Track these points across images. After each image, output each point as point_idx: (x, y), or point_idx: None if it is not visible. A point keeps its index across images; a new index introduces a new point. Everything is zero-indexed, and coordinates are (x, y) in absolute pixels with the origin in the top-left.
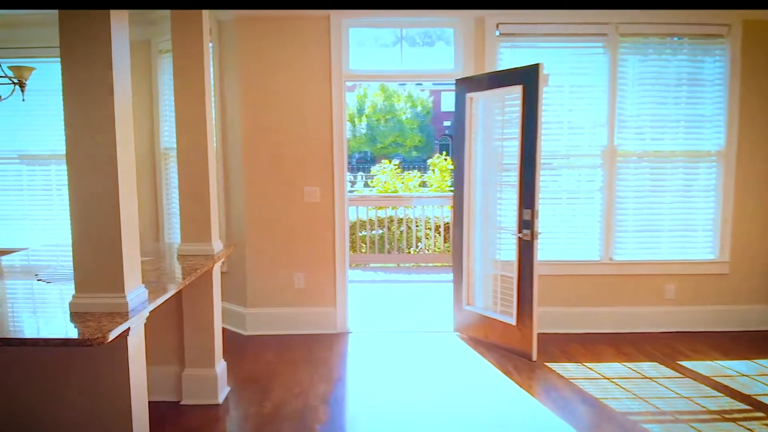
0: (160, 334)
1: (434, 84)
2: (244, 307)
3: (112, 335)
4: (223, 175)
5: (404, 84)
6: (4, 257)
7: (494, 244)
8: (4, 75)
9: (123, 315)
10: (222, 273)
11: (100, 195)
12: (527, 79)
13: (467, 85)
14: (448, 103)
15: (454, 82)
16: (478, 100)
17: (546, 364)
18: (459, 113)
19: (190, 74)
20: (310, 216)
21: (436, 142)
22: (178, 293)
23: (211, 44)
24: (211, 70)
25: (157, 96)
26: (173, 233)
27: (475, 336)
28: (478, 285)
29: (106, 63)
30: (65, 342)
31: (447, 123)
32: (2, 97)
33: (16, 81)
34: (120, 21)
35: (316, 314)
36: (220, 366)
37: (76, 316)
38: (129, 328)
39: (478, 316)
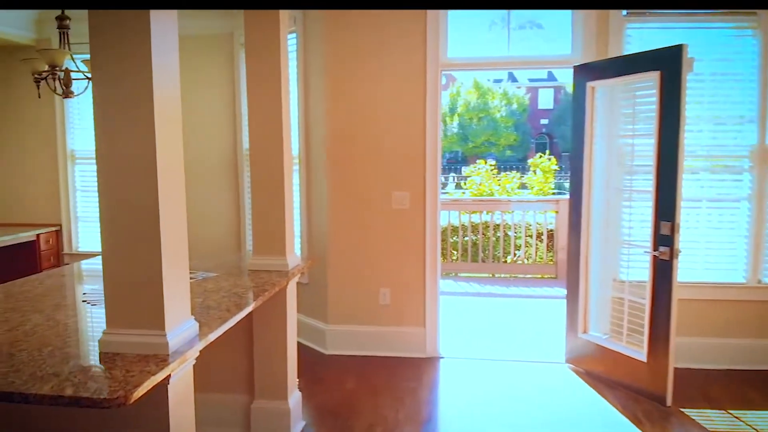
0: (228, 357)
1: (531, 81)
2: (324, 323)
3: (138, 393)
4: (305, 180)
5: (500, 80)
6: (84, 262)
7: (618, 261)
8: (77, 70)
9: (161, 359)
10: (301, 284)
11: (134, 205)
12: (667, 63)
13: (588, 72)
14: (545, 99)
15: (572, 69)
16: (600, 90)
17: (683, 410)
18: (577, 106)
19: (263, 68)
20: (398, 224)
21: (532, 140)
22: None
23: (295, 34)
24: (295, 63)
25: (239, 92)
26: None
27: (592, 370)
28: (594, 308)
29: (144, 58)
30: (75, 401)
31: (544, 121)
32: (75, 93)
33: (89, 75)
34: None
35: (403, 335)
36: (294, 398)
37: (105, 358)
38: (169, 375)
39: (597, 347)
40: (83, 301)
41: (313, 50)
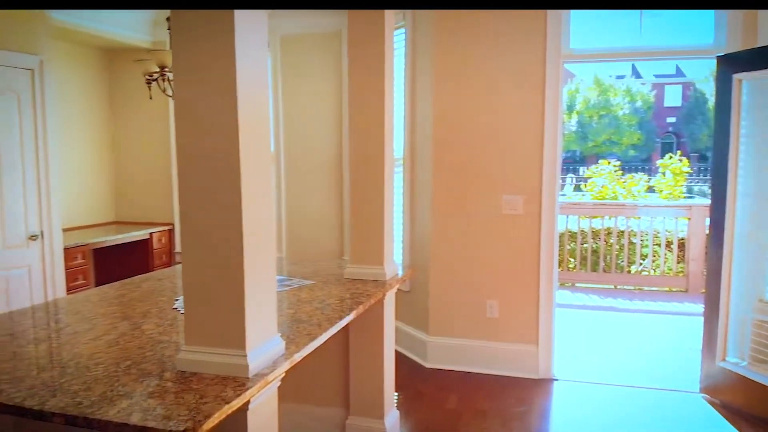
0: (323, 368)
1: (656, 76)
2: (425, 333)
3: (208, 425)
4: (409, 183)
5: (623, 76)
6: None
7: (764, 278)
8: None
9: (240, 383)
10: (402, 292)
11: (215, 212)
12: None
13: (733, 63)
14: (672, 96)
15: (715, 59)
16: (748, 83)
17: None
18: (720, 101)
19: (366, 67)
20: (509, 230)
21: (657, 140)
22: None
23: (404, 30)
24: (402, 59)
25: (345, 92)
26: None
27: (731, 403)
28: (734, 331)
29: (227, 58)
30: (140, 430)
31: (671, 119)
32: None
33: (156, 71)
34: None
35: (513, 352)
36: (391, 418)
37: (181, 378)
38: (248, 401)
39: (738, 377)
40: (174, 308)
41: (421, 45)
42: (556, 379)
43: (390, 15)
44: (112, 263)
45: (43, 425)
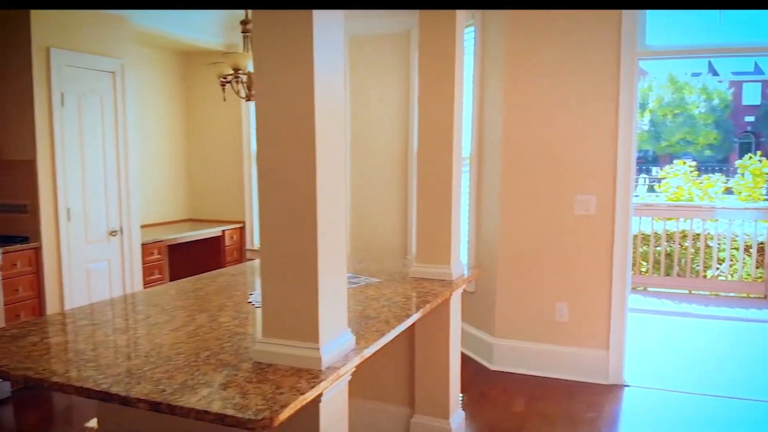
0: (388, 365)
1: (734, 74)
2: (491, 335)
3: (284, 414)
4: (476, 182)
5: (698, 74)
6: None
7: None
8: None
9: (313, 375)
10: (468, 293)
11: (291, 210)
12: None
13: None
14: (751, 95)
15: None
16: None
17: None
18: None
19: (436, 66)
20: (580, 232)
21: (735, 140)
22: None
23: (473, 28)
24: (472, 57)
25: (412, 93)
26: None
27: None
28: None
29: (305, 59)
30: (220, 418)
31: (749, 118)
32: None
33: (230, 73)
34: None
35: (582, 356)
36: (456, 418)
37: (257, 368)
38: (321, 393)
39: None
40: (249, 302)
41: (491, 43)
42: (627, 386)
43: (461, 15)
44: (185, 259)
45: (125, 410)
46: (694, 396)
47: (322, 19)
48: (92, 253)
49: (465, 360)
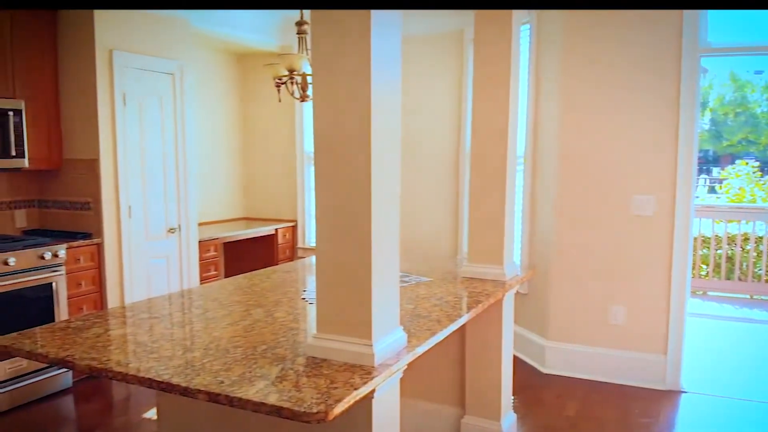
0: (439, 365)
1: None
2: (544, 338)
3: (337, 410)
4: (530, 182)
5: (761, 71)
6: (312, 258)
7: None
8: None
9: (366, 371)
10: (520, 294)
11: (347, 209)
12: None
13: None
14: None
15: None
16: None
17: None
18: None
19: (491, 65)
20: (637, 233)
21: None
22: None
23: (529, 26)
24: (527, 55)
25: (465, 92)
26: None
27: None
28: None
29: (363, 59)
30: (276, 410)
31: None
32: (310, 97)
33: (285, 74)
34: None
35: (638, 361)
36: (508, 420)
37: (312, 363)
38: (374, 389)
39: None
40: (302, 298)
41: (547, 41)
42: (685, 392)
43: (518, 14)
44: (240, 256)
45: (183, 401)
46: (753, 403)
47: (380, 19)
48: (152, 250)
49: (517, 362)
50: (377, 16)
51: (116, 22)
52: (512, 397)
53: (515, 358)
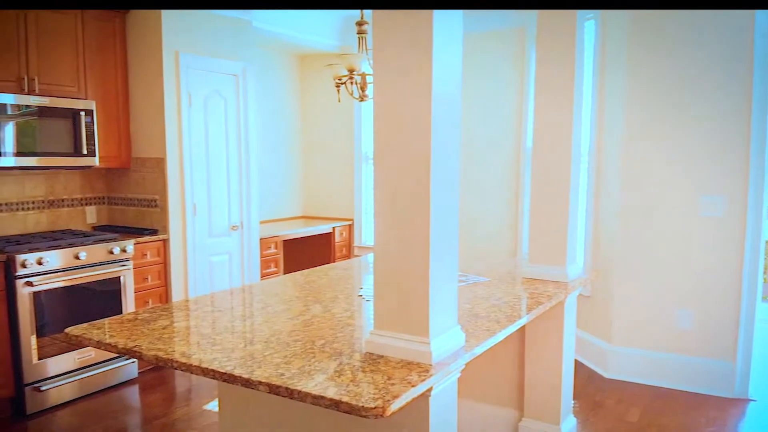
0: (497, 367)
1: None
2: (607, 342)
3: (394, 406)
4: (595, 181)
5: None
6: (369, 255)
7: None
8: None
9: (424, 369)
10: (582, 296)
11: (406, 207)
12: None
13: None
14: None
15: None
16: None
17: None
18: None
19: (554, 61)
20: (706, 234)
21: None
22: None
23: (594, 21)
24: (592, 51)
25: (526, 89)
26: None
27: None
28: None
29: (424, 60)
30: (335, 404)
31: None
32: (369, 97)
33: (345, 74)
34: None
35: (705, 367)
36: (568, 424)
37: (369, 359)
38: (431, 387)
39: None
40: (359, 295)
41: (612, 37)
42: (753, 400)
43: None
44: (298, 254)
45: (244, 393)
46: None
47: (442, 20)
48: (215, 246)
49: (578, 366)
50: (439, 16)
51: (182, 24)
52: (573, 401)
53: (576, 362)
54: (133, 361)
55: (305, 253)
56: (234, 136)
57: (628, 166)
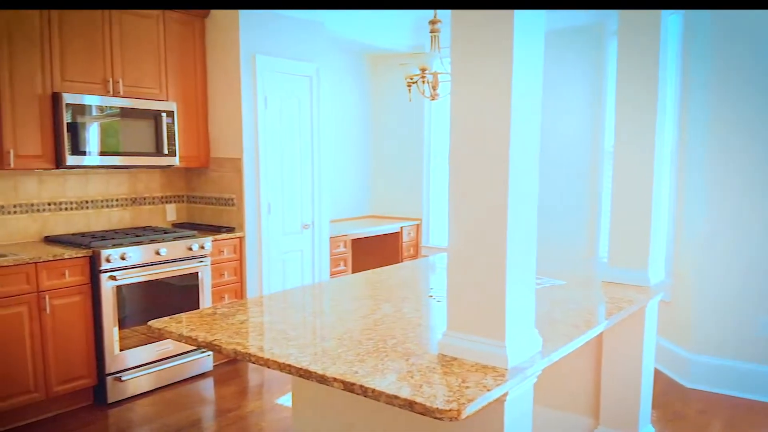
0: (572, 372)
1: None
2: (687, 350)
3: (469, 410)
4: (678, 179)
5: None
6: (437, 256)
7: None
8: (445, 72)
9: (499, 373)
10: (662, 302)
11: (482, 207)
12: None
13: None
14: None
15: None
16: None
17: None
18: None
19: (637, 57)
20: None
21: None
22: None
23: (679, 14)
24: (678, 46)
25: (604, 86)
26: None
27: None
28: None
29: (504, 60)
30: (409, 404)
31: None
32: (440, 96)
33: (417, 73)
34: None
35: None
36: None
37: (443, 360)
38: (506, 392)
39: None
40: (429, 296)
41: (699, 30)
42: None
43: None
44: (366, 252)
45: (316, 388)
46: None
47: (523, 20)
48: (287, 244)
49: (657, 374)
50: (520, 16)
51: (258, 27)
52: (651, 411)
53: (656, 370)
54: (209, 354)
55: (373, 252)
56: (306, 136)
57: (713, 166)
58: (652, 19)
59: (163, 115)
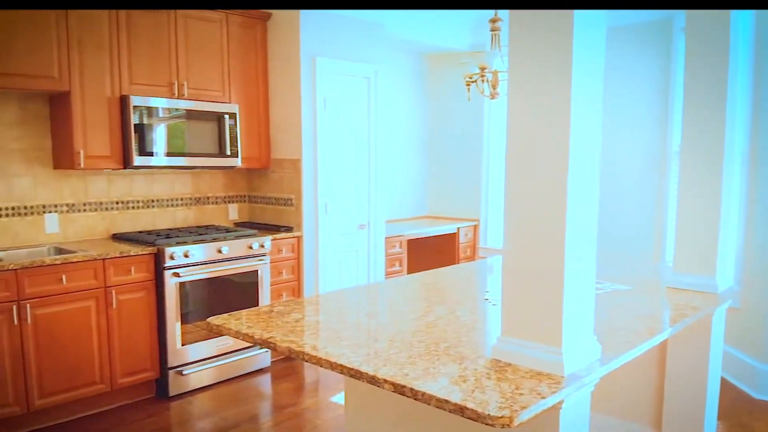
0: (633, 380)
1: None
2: (757, 359)
3: (522, 417)
4: (750, 180)
5: None
6: (494, 258)
7: None
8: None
9: (555, 380)
10: (732, 309)
11: (540, 210)
12: None
13: None
14: None
15: None
16: None
17: None
18: None
19: (706, 55)
20: None
21: None
22: None
23: (752, 11)
24: (750, 39)
25: (672, 83)
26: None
27: None
28: None
29: (563, 59)
30: (460, 409)
31: None
32: (500, 95)
33: (476, 72)
34: None
35: None
36: None
37: (496, 366)
38: (562, 401)
39: None
40: (485, 299)
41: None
42: None
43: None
44: (422, 253)
45: (368, 388)
46: None
47: (583, 20)
48: (343, 244)
49: (724, 384)
50: (580, 15)
51: (319, 30)
52: (717, 422)
53: (722, 380)
54: (267, 351)
55: (429, 253)
56: (363, 137)
57: None
58: (721, 15)
59: (226, 117)
